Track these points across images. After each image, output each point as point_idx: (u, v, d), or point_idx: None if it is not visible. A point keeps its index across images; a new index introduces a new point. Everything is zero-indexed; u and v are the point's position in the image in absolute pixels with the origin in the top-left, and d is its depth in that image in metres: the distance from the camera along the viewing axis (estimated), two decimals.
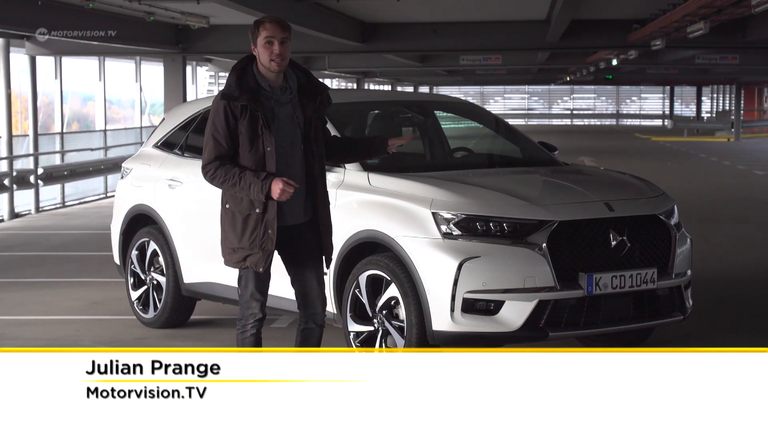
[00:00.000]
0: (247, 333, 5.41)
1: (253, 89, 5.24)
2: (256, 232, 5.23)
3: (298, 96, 5.35)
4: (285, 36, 5.25)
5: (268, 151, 5.20)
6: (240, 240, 5.26)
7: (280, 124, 5.26)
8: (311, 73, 5.50)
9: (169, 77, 22.31)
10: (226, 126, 5.20)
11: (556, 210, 6.32)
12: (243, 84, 5.24)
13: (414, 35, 21.85)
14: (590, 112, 72.83)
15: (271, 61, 5.23)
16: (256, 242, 5.23)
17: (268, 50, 5.23)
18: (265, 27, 5.25)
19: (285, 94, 5.31)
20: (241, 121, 5.19)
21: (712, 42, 22.29)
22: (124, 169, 8.66)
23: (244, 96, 5.19)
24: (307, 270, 5.45)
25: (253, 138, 5.20)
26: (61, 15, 15.98)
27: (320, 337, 5.54)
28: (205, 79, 33.67)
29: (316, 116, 5.37)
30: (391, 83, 50.93)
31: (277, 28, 5.24)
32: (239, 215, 5.26)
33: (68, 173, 18.99)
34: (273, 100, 5.27)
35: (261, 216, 5.21)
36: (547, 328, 6.17)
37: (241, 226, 5.26)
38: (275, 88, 5.29)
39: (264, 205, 5.20)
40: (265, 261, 5.26)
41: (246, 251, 5.26)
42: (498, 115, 8.71)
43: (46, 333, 8.05)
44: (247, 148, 5.21)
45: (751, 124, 50.89)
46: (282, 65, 5.25)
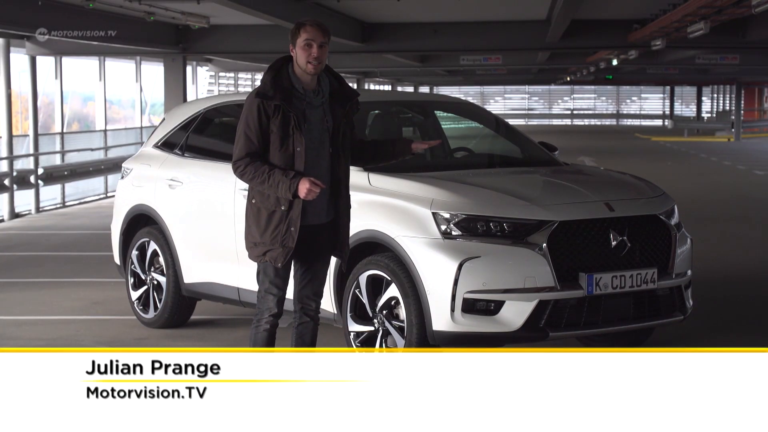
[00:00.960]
0: (260, 328, 5.46)
1: (287, 90, 5.33)
2: (279, 229, 5.31)
3: (329, 100, 5.44)
4: (324, 40, 5.34)
5: (298, 151, 5.29)
6: (262, 235, 5.35)
7: (310, 125, 5.35)
8: (344, 79, 5.59)
9: (170, 77, 22.31)
10: (258, 124, 5.30)
11: (557, 210, 6.32)
12: (278, 84, 5.33)
13: (414, 35, 21.85)
14: (590, 112, 72.81)
15: (308, 63, 5.32)
16: (278, 238, 5.32)
17: (307, 52, 5.31)
18: (306, 29, 5.34)
19: (317, 98, 5.40)
20: (273, 120, 5.28)
21: (713, 42, 22.29)
22: (125, 169, 8.66)
23: (278, 96, 5.28)
24: (312, 267, 5.52)
25: (284, 137, 5.29)
26: (61, 15, 15.98)
27: (315, 333, 5.59)
28: (205, 79, 33.66)
29: (345, 121, 5.46)
30: (392, 83, 50.94)
31: (318, 31, 5.33)
32: (265, 211, 5.34)
33: (68, 173, 18.99)
34: (305, 102, 5.36)
35: (286, 213, 5.30)
36: (548, 328, 6.17)
37: (265, 222, 5.34)
38: (308, 91, 5.38)
39: (289, 203, 5.29)
40: (284, 257, 5.34)
41: (267, 246, 5.34)
42: (498, 115, 8.71)
43: (46, 333, 8.05)
44: (278, 147, 5.30)
45: (752, 124, 50.88)
46: (318, 68, 5.34)
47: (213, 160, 7.78)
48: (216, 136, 8.24)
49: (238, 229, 7.17)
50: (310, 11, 17.75)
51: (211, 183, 7.65)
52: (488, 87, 70.89)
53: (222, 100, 8.39)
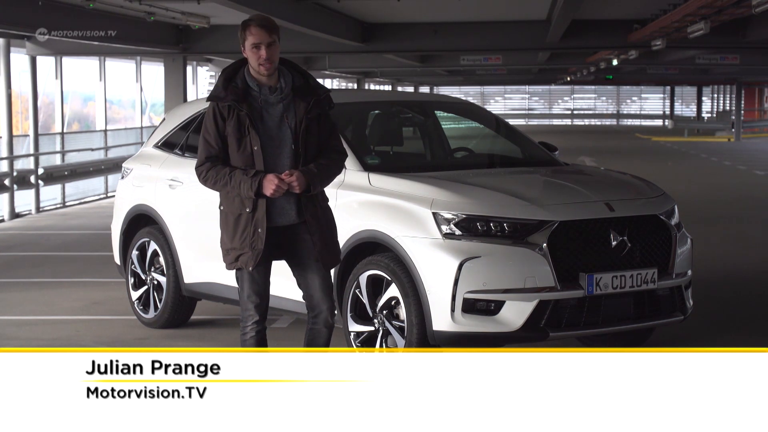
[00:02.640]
0: (246, 335, 5.42)
1: (241, 90, 5.28)
2: (247, 232, 5.25)
3: (292, 97, 5.34)
4: (272, 39, 5.25)
5: (255, 150, 5.22)
6: (232, 240, 5.29)
7: (267, 124, 5.28)
8: (311, 75, 5.48)
9: (170, 77, 22.32)
10: (215, 127, 5.27)
11: (557, 210, 6.32)
12: (230, 85, 5.29)
13: (414, 35, 21.84)
14: (591, 112, 72.80)
15: (259, 66, 5.26)
16: (247, 241, 5.25)
17: (256, 55, 5.25)
18: (251, 32, 5.26)
19: (275, 95, 5.31)
20: (229, 122, 5.25)
21: (713, 42, 22.29)
22: (125, 169, 8.66)
23: (229, 96, 5.25)
24: (309, 272, 5.41)
25: (240, 138, 5.24)
26: (61, 15, 15.98)
27: (328, 338, 5.48)
28: (205, 79, 33.64)
29: (309, 119, 5.32)
30: (392, 83, 50.91)
31: (263, 32, 5.24)
32: (231, 215, 5.30)
33: (68, 173, 18.99)
34: (261, 100, 5.29)
35: (251, 215, 5.24)
36: (548, 328, 6.17)
37: (233, 226, 5.29)
38: (264, 88, 5.30)
39: (253, 205, 5.22)
40: (254, 260, 5.25)
41: (237, 251, 5.29)
42: (498, 115, 8.71)
43: (46, 333, 8.05)
44: (235, 148, 5.26)
45: (752, 124, 50.88)
46: (271, 68, 5.27)
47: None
48: None
49: None
50: (310, 11, 17.75)
51: None
52: (488, 87, 70.88)
53: None
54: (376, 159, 7.18)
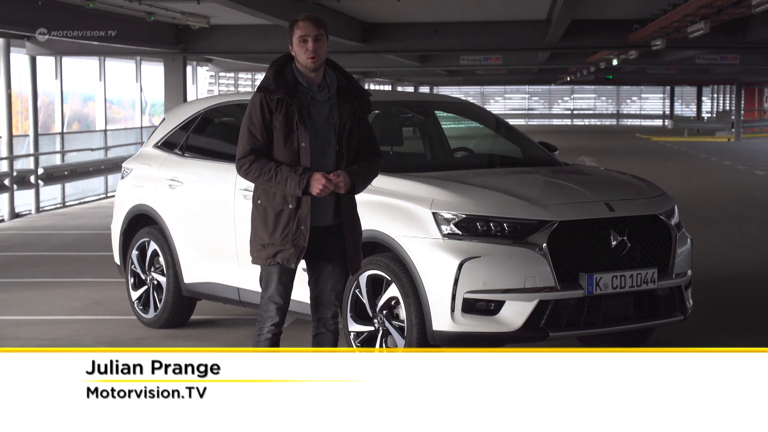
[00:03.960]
0: (262, 336, 5.33)
1: (291, 83, 5.22)
2: (289, 228, 5.17)
3: (336, 97, 5.31)
4: (319, 33, 5.22)
5: (303, 146, 5.16)
6: (271, 236, 5.20)
7: (315, 121, 5.22)
8: (353, 77, 5.46)
9: (170, 77, 22.31)
10: (261, 119, 5.18)
11: (557, 210, 6.32)
12: (281, 78, 5.22)
13: (414, 35, 21.84)
14: (590, 112, 72.82)
15: (307, 59, 5.20)
16: (288, 238, 5.17)
17: (303, 48, 5.21)
18: (298, 26, 5.23)
19: (322, 93, 5.26)
20: (276, 115, 5.17)
21: (713, 42, 22.29)
22: (125, 169, 8.66)
23: (280, 89, 5.18)
24: (324, 274, 5.37)
25: (288, 132, 5.17)
26: (61, 15, 15.98)
27: (334, 343, 5.44)
28: (205, 79, 33.67)
29: (353, 120, 5.30)
30: (392, 83, 50.92)
31: (311, 25, 5.22)
32: (272, 211, 5.20)
33: (68, 173, 18.98)
34: (309, 96, 5.23)
35: (294, 212, 5.16)
36: (548, 328, 6.17)
37: (273, 222, 5.20)
38: (312, 85, 5.25)
39: (297, 201, 5.16)
40: (297, 257, 5.19)
41: (277, 247, 5.20)
42: (498, 115, 8.71)
43: (46, 333, 8.05)
44: (282, 143, 5.18)
45: (752, 124, 50.90)
46: (317, 62, 5.22)
47: (213, 160, 7.79)
48: (216, 136, 8.24)
49: (238, 229, 7.18)
50: (310, 11, 17.73)
51: (211, 183, 7.65)
52: (488, 87, 70.88)
53: (222, 100, 8.39)
54: None
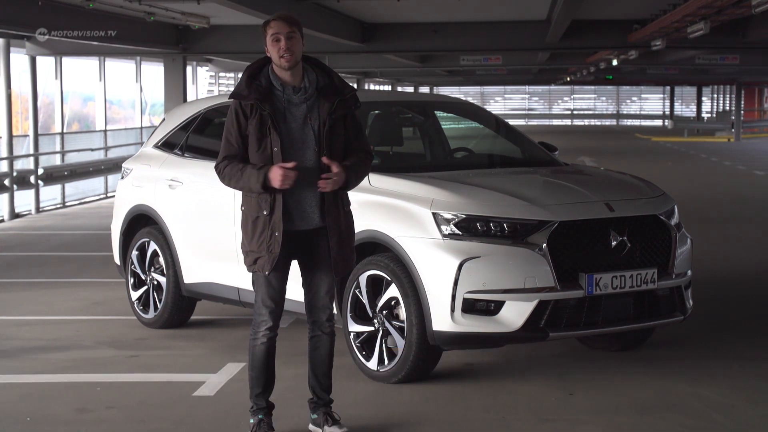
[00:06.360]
0: (257, 341, 5.33)
1: (264, 88, 5.20)
2: (264, 235, 5.18)
3: (316, 96, 5.27)
4: (291, 30, 5.18)
5: (275, 151, 5.14)
6: (251, 242, 5.24)
7: (290, 124, 5.20)
8: (336, 73, 5.39)
9: (170, 77, 22.30)
10: (237, 125, 5.20)
11: (557, 210, 6.32)
12: (253, 83, 5.21)
13: (414, 35, 21.85)
14: (590, 113, 72.85)
15: (280, 58, 5.17)
16: (264, 244, 5.18)
17: (276, 47, 5.18)
18: (270, 25, 5.20)
19: (298, 94, 5.24)
20: (251, 120, 5.17)
21: (713, 42, 22.30)
22: (125, 169, 8.66)
23: (252, 95, 5.16)
24: (316, 277, 5.36)
25: (260, 137, 5.17)
26: (61, 15, 15.98)
27: (331, 345, 5.43)
28: (205, 80, 33.67)
29: (334, 118, 5.25)
30: (392, 83, 50.92)
31: (282, 23, 5.18)
32: (249, 217, 5.24)
33: (68, 173, 18.99)
34: (284, 99, 5.22)
35: (268, 218, 5.17)
36: (548, 328, 6.16)
37: (251, 228, 5.23)
38: (287, 87, 5.23)
39: (271, 207, 5.15)
40: (270, 264, 5.18)
41: (255, 254, 5.22)
42: (498, 116, 8.71)
43: (46, 333, 8.04)
44: (255, 148, 5.18)
45: (752, 125, 50.92)
46: (291, 60, 5.18)
47: (213, 161, 7.71)
48: (216, 137, 8.19)
49: (237, 229, 7.16)
50: (310, 11, 17.76)
51: (211, 183, 7.63)
52: (488, 87, 70.91)
53: (222, 100, 8.38)
54: (376, 159, 7.16)
